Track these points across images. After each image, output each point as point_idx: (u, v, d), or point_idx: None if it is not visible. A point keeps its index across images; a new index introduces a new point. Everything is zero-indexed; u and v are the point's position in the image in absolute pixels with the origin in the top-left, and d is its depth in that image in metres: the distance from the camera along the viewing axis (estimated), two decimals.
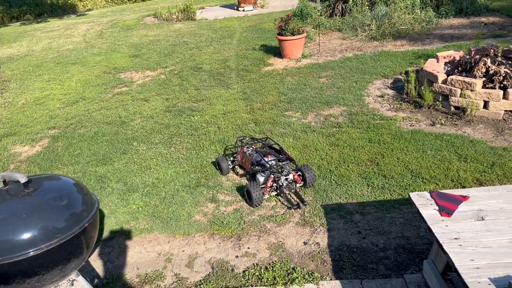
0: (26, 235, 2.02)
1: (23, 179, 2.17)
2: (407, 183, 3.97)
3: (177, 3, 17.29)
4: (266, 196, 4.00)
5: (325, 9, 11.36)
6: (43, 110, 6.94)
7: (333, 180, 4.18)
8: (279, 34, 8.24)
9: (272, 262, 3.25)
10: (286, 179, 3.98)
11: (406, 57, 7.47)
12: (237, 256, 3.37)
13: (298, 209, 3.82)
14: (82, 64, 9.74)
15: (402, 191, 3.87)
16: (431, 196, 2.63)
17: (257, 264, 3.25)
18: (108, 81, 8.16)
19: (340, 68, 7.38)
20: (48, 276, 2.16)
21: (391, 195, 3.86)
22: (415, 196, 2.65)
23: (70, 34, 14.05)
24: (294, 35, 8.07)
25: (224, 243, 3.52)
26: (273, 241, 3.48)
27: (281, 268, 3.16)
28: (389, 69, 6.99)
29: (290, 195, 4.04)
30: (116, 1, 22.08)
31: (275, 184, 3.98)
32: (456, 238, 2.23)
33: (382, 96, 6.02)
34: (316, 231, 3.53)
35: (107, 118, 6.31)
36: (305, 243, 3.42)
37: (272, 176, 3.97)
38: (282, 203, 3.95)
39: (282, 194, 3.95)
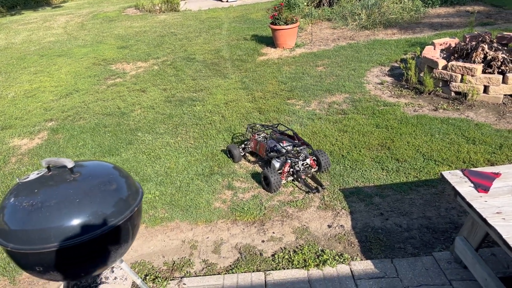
0: (80, 220, 1.97)
1: (70, 164, 2.11)
2: (420, 166, 4.06)
3: None
4: (283, 181, 4.00)
5: None
6: (36, 102, 6.73)
7: (347, 165, 4.23)
8: (272, 23, 8.23)
9: (300, 245, 3.28)
10: (303, 164, 4.01)
11: (399, 45, 7.60)
12: (263, 241, 3.38)
13: (317, 193, 3.85)
14: (69, 56, 9.48)
15: (417, 174, 3.96)
16: (464, 174, 2.70)
17: (284, 248, 3.27)
18: (99, 72, 7.98)
19: (335, 57, 7.43)
20: (99, 261, 2.12)
21: (406, 177, 3.94)
22: (448, 175, 2.72)
23: (49, 26, 13.64)
24: (287, 24, 8.08)
25: (248, 229, 3.52)
26: (297, 225, 3.51)
27: (309, 250, 3.19)
28: (385, 57, 7.09)
29: (306, 179, 4.08)
30: None
31: (291, 170, 4.00)
32: (498, 213, 2.30)
33: (381, 83, 6.11)
34: (338, 214, 3.58)
35: (105, 109, 6.18)
36: (329, 226, 3.46)
37: (289, 161, 3.99)
38: (300, 188, 3.98)
39: (299, 179, 3.98)
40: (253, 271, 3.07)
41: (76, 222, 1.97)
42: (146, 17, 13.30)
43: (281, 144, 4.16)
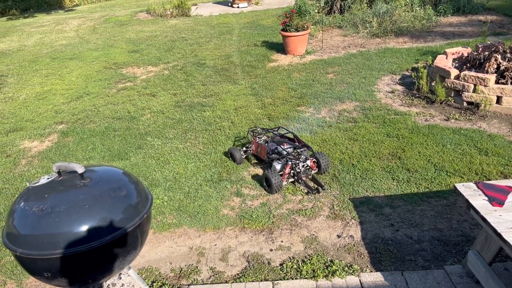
0: (90, 226, 1.96)
1: (80, 170, 2.10)
2: (431, 177, 4.01)
3: None
4: (284, 182, 4.06)
5: (323, 6, 11.39)
6: (47, 105, 6.77)
7: (357, 174, 4.19)
8: (283, 30, 8.23)
9: (308, 255, 3.24)
10: (303, 166, 4.07)
11: (411, 53, 7.55)
12: (271, 250, 3.35)
13: (317, 193, 3.92)
14: (80, 59, 9.55)
15: (428, 185, 3.91)
16: (477, 187, 2.65)
17: (293, 257, 3.23)
18: (110, 76, 8.02)
19: (346, 64, 7.40)
20: (108, 267, 2.10)
21: (417, 188, 3.89)
22: (461, 187, 2.67)
23: (61, 30, 13.78)
24: (298, 31, 8.07)
25: (256, 237, 3.49)
26: (306, 234, 3.47)
27: (318, 261, 3.15)
28: (396, 66, 7.04)
29: (306, 181, 4.14)
30: None
31: (292, 171, 4.06)
32: None
33: (392, 92, 6.07)
34: (348, 224, 3.53)
35: (115, 113, 6.20)
36: (338, 236, 3.42)
37: (290, 163, 4.04)
38: (302, 190, 4.03)
39: (300, 180, 4.05)
40: (260, 280, 3.04)
41: (85, 228, 1.96)
42: (157, 22, 13.39)
43: (282, 146, 4.21)
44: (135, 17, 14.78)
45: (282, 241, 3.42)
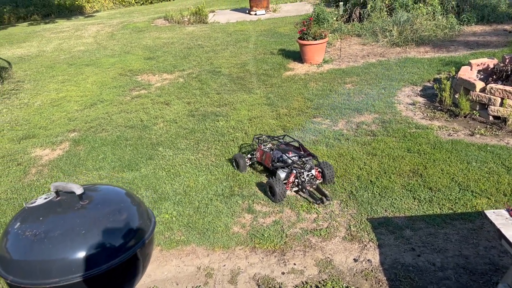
0: (86, 254, 1.81)
1: (79, 191, 1.96)
2: (456, 197, 3.76)
3: (186, 6, 17.10)
4: (288, 191, 3.99)
5: (341, 14, 11.19)
6: (61, 112, 6.73)
7: (376, 192, 3.97)
8: (300, 38, 8.06)
9: (323, 280, 3.04)
10: (308, 175, 3.99)
11: (432, 64, 7.29)
12: (283, 273, 3.16)
13: (321, 204, 3.82)
14: (96, 65, 9.55)
15: (452, 205, 3.67)
16: (510, 215, 2.42)
17: (306, 282, 3.04)
18: (125, 83, 7.97)
19: (365, 74, 7.19)
20: None
21: (440, 209, 3.65)
22: (492, 215, 2.45)
23: (80, 35, 13.88)
24: (316, 39, 7.89)
25: (268, 258, 3.31)
26: (320, 257, 3.27)
27: (333, 287, 2.95)
28: (417, 76, 6.80)
29: (312, 191, 4.05)
30: (123, 3, 21.93)
31: (296, 180, 3.98)
32: None
33: (413, 104, 5.82)
34: (365, 247, 3.32)
35: (128, 121, 6.11)
36: (355, 260, 3.21)
37: (295, 171, 3.97)
38: (306, 199, 3.96)
39: (304, 190, 3.99)
40: None
41: (80, 255, 1.81)
42: (175, 29, 13.37)
43: (287, 154, 4.14)
44: (152, 24, 14.81)
45: (294, 264, 3.23)
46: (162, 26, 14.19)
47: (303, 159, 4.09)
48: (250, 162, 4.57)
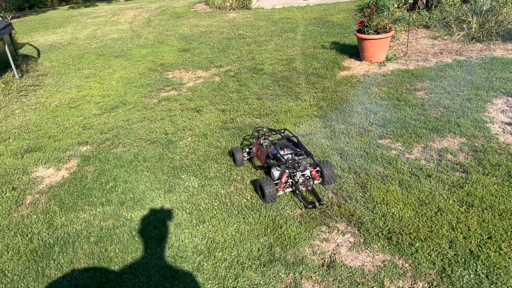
0: None
1: None
2: None
3: None
4: (280, 192, 3.62)
5: (405, 0, 9.65)
6: (77, 116, 5.83)
7: (480, 271, 2.73)
8: (359, 31, 6.73)
9: None
10: (303, 175, 3.60)
11: None
12: None
13: (314, 209, 3.40)
14: (126, 57, 8.63)
15: None
16: None
17: None
18: (153, 81, 6.98)
19: (440, 78, 5.79)
20: None
21: None
22: None
23: (116, 21, 13.10)
24: (379, 33, 6.53)
25: None
26: None
27: None
28: (511, 84, 5.34)
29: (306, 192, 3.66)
30: None
31: (290, 180, 3.61)
32: None
33: None
34: None
35: (150, 133, 5.10)
36: None
37: (287, 171, 3.59)
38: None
39: (297, 191, 3.59)
40: None
41: None
42: (215, 15, 12.27)
43: (282, 151, 3.76)
44: (192, 9, 13.79)
45: None
46: (202, 11, 13.14)
47: (297, 157, 3.70)
48: (249, 157, 4.21)
